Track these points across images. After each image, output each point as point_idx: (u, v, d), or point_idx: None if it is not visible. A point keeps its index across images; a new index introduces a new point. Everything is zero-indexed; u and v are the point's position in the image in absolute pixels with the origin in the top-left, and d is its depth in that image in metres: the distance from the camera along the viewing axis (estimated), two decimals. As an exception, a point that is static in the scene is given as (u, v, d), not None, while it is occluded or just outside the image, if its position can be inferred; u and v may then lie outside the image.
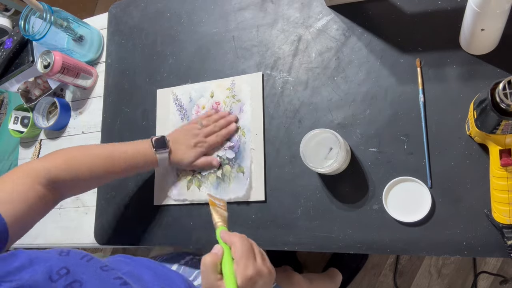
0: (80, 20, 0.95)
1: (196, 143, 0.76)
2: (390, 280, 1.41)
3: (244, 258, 0.48)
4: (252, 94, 0.78)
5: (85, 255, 0.49)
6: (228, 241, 0.51)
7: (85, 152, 0.68)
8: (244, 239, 0.51)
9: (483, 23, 0.56)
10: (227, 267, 0.48)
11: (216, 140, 0.77)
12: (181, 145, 0.76)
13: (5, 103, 1.40)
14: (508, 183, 0.55)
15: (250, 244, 0.51)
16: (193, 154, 0.76)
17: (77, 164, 0.65)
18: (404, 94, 0.68)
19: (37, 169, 0.60)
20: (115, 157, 0.69)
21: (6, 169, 1.51)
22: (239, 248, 0.49)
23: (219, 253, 0.50)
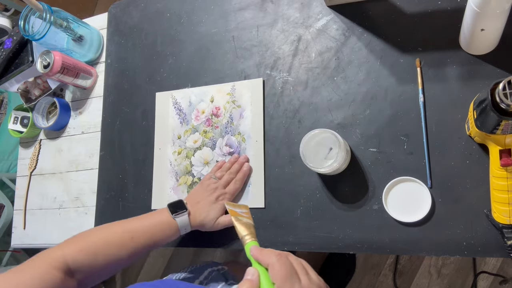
0: (80, 20, 0.95)
1: (217, 197, 0.72)
2: (390, 280, 1.41)
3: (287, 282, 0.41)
4: (253, 100, 0.78)
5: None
6: (263, 261, 0.43)
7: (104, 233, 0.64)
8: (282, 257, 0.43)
9: (483, 23, 0.56)
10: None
11: (236, 187, 0.74)
12: (202, 204, 0.71)
13: (5, 103, 1.41)
14: (508, 183, 0.55)
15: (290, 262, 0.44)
16: (216, 209, 0.71)
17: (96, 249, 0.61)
18: (404, 94, 0.68)
19: (56, 255, 0.57)
20: (135, 236, 0.64)
21: (6, 169, 1.51)
22: (278, 271, 0.42)
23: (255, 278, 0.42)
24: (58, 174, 0.97)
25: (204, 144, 0.81)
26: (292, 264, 0.43)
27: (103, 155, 0.90)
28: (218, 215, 0.71)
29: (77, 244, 0.60)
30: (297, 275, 0.42)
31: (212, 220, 0.70)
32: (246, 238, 0.48)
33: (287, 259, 0.44)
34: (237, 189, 0.74)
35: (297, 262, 0.45)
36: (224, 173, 0.75)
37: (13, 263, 1.64)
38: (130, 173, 0.86)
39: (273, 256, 0.43)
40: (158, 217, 0.67)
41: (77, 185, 0.94)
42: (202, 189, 0.74)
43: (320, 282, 0.44)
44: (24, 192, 1.00)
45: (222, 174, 0.75)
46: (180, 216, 0.68)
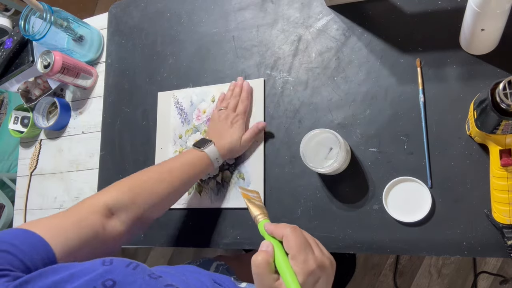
0: (80, 20, 0.95)
1: (232, 121, 0.74)
2: (390, 280, 1.41)
3: (301, 251, 0.42)
4: (253, 100, 0.78)
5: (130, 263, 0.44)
6: (277, 234, 0.45)
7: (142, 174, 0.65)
8: (296, 229, 0.45)
9: (483, 23, 0.56)
10: (283, 264, 0.42)
11: (244, 105, 0.76)
12: (221, 132, 0.74)
13: (5, 103, 1.41)
14: (508, 183, 0.55)
15: (303, 234, 0.45)
16: (236, 131, 0.73)
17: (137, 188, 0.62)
18: (404, 94, 0.68)
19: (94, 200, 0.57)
20: (171, 171, 0.66)
21: (6, 169, 1.51)
22: (293, 241, 0.43)
23: (270, 249, 0.43)
24: (59, 174, 0.97)
25: (204, 144, 0.81)
26: (305, 236, 0.45)
27: (104, 155, 0.90)
28: (240, 134, 0.74)
29: (117, 186, 0.62)
30: (310, 246, 0.44)
31: (238, 139, 0.73)
32: (259, 217, 0.50)
33: (301, 231, 0.45)
34: (246, 106, 0.77)
35: (311, 237, 0.46)
36: (228, 100, 0.77)
37: (13, 263, 1.64)
38: (130, 173, 0.85)
39: (288, 228, 0.44)
40: (189, 155, 0.70)
41: (78, 185, 0.94)
42: (215, 122, 0.76)
43: (331, 256, 0.45)
44: (24, 192, 1.00)
45: (227, 102, 0.77)
46: (207, 147, 0.70)
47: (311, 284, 0.41)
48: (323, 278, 0.43)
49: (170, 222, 0.81)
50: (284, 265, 0.41)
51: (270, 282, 0.41)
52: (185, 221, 0.79)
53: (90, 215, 0.54)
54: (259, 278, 0.42)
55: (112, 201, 0.58)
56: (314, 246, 0.44)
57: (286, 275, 0.40)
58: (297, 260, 0.42)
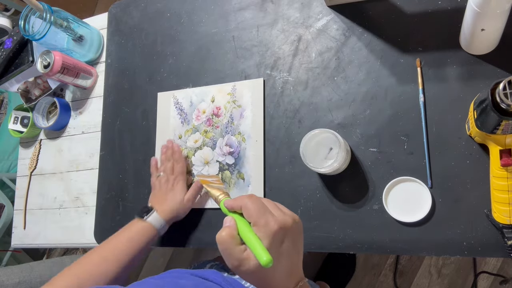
0: (80, 20, 0.95)
1: (172, 184, 0.76)
2: (390, 280, 1.41)
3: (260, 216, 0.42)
4: (253, 100, 0.78)
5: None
6: (236, 206, 0.45)
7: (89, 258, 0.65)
8: (253, 197, 0.44)
9: (483, 23, 0.56)
10: (247, 234, 0.42)
11: (180, 165, 0.78)
12: (162, 197, 0.75)
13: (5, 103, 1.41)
14: (508, 183, 0.55)
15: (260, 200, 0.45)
16: (177, 193, 0.75)
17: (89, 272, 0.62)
18: (404, 94, 0.68)
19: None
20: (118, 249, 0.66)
21: (6, 169, 1.51)
22: (251, 208, 0.43)
23: (232, 223, 0.44)
24: (58, 174, 0.97)
25: (205, 144, 0.81)
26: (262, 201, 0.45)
27: (103, 155, 0.90)
28: (182, 195, 0.75)
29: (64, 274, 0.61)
30: (269, 209, 0.43)
31: (180, 201, 0.74)
32: (219, 197, 0.50)
33: (257, 197, 0.45)
34: (182, 166, 0.78)
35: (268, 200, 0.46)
36: (163, 164, 0.79)
37: (13, 263, 1.65)
38: (130, 173, 0.86)
39: (245, 198, 0.44)
40: (133, 228, 0.70)
41: (77, 185, 0.94)
42: (157, 189, 0.77)
43: (293, 215, 0.45)
44: (24, 192, 1.00)
45: (163, 167, 0.79)
46: (150, 216, 0.71)
47: (277, 245, 0.41)
48: (289, 236, 0.43)
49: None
50: (247, 233, 0.42)
51: (238, 255, 0.41)
52: (185, 221, 0.79)
53: None
54: (227, 253, 0.42)
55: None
56: (273, 208, 0.44)
57: (252, 242, 0.41)
58: (259, 225, 0.42)
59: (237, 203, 0.45)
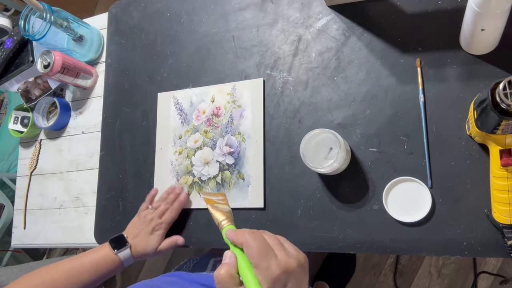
0: (80, 20, 0.95)
1: (154, 228, 0.75)
2: (390, 280, 1.41)
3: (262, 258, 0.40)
4: (253, 100, 0.78)
5: None
6: (238, 242, 0.43)
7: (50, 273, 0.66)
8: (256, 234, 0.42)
9: (483, 23, 0.56)
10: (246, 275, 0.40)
11: (171, 216, 0.76)
12: (140, 236, 0.74)
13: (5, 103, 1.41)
14: (508, 183, 0.55)
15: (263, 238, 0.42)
16: (154, 240, 0.74)
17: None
18: (404, 94, 0.68)
19: None
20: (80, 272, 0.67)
21: (6, 169, 1.51)
22: (253, 247, 0.40)
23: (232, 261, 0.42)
24: (59, 174, 0.97)
25: (205, 144, 0.81)
26: (266, 240, 0.42)
27: (103, 155, 0.90)
28: (157, 244, 0.74)
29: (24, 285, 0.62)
30: (272, 250, 0.41)
31: (153, 249, 0.74)
32: (223, 223, 0.47)
33: (260, 235, 0.42)
34: (173, 217, 0.77)
35: (272, 237, 0.43)
36: (160, 203, 0.78)
37: (13, 263, 1.65)
38: (130, 173, 0.86)
39: (247, 235, 0.42)
40: (101, 253, 0.70)
41: (77, 185, 0.94)
42: (140, 221, 0.76)
43: (299, 255, 0.42)
44: (24, 192, 1.00)
45: (158, 204, 0.78)
46: (122, 251, 0.71)
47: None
48: (292, 281, 0.40)
49: (170, 222, 0.81)
50: (247, 275, 0.39)
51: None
52: (185, 222, 0.79)
53: None
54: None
55: None
56: (277, 248, 0.42)
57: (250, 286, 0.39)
58: (260, 268, 0.39)
59: (238, 238, 0.43)
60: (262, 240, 0.42)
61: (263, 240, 0.42)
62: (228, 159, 0.78)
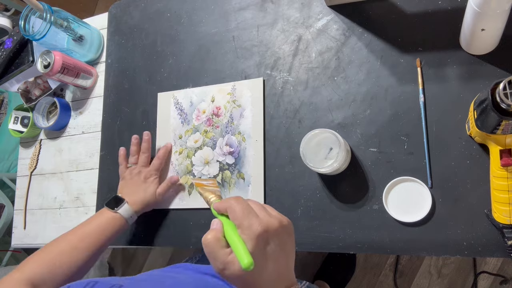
0: (80, 20, 0.95)
1: (145, 177, 0.76)
2: (390, 280, 1.41)
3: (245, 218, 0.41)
4: (253, 100, 0.78)
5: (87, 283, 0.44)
6: (222, 207, 0.44)
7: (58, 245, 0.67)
8: (239, 199, 0.44)
9: (483, 23, 0.56)
10: (231, 236, 0.41)
11: (159, 162, 0.79)
12: (134, 188, 0.75)
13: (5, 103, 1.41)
14: (508, 183, 0.55)
15: (246, 201, 0.44)
16: (150, 186, 0.75)
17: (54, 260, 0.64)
18: (404, 94, 0.68)
19: (15, 276, 0.59)
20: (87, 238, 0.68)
21: (6, 169, 1.51)
22: (236, 210, 0.42)
23: (218, 226, 0.43)
24: (59, 174, 0.97)
25: (205, 144, 0.81)
26: (248, 203, 0.44)
27: (104, 155, 0.90)
28: (155, 188, 0.76)
29: (34, 260, 0.63)
30: (254, 211, 0.43)
31: (152, 195, 0.76)
32: (211, 199, 0.49)
33: (243, 199, 0.44)
34: (160, 164, 0.80)
35: (255, 202, 0.45)
36: (136, 156, 0.80)
37: (13, 263, 1.65)
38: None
39: (231, 200, 0.44)
40: (102, 218, 0.71)
41: (77, 185, 0.94)
42: (127, 180, 0.78)
43: (282, 217, 0.44)
44: (24, 192, 1.00)
45: (135, 158, 0.80)
46: (120, 207, 0.72)
47: (261, 247, 0.40)
48: (275, 239, 0.42)
49: (170, 222, 0.81)
50: (233, 236, 0.41)
51: (223, 258, 0.40)
52: (185, 221, 0.79)
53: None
54: (212, 256, 0.41)
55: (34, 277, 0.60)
56: (259, 210, 0.43)
57: (235, 245, 0.40)
58: (243, 227, 0.41)
59: (223, 205, 0.44)
60: (245, 203, 0.43)
61: (245, 203, 0.43)
62: (228, 159, 0.78)
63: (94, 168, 0.92)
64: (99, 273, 1.72)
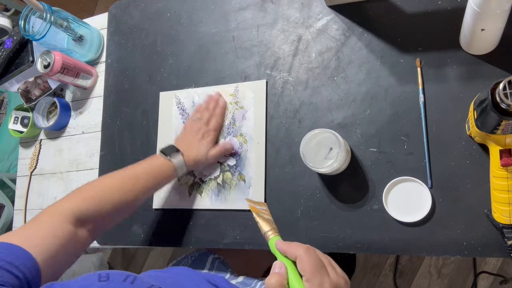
0: (80, 20, 0.95)
1: (203, 134, 0.76)
2: (390, 280, 1.41)
3: (316, 274, 0.41)
4: (255, 102, 0.78)
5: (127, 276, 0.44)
6: (291, 254, 0.43)
7: (105, 181, 0.66)
8: (310, 250, 0.43)
9: (483, 23, 0.56)
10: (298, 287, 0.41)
11: (217, 121, 0.78)
12: (190, 143, 0.74)
13: (5, 103, 1.41)
14: (508, 183, 0.55)
15: (317, 255, 0.44)
16: (205, 145, 0.75)
17: (100, 196, 0.62)
18: (404, 94, 0.68)
19: (62, 209, 0.57)
20: (135, 179, 0.67)
21: (6, 169, 1.51)
22: (307, 262, 0.42)
23: (283, 271, 0.42)
24: (59, 174, 0.97)
25: (205, 144, 0.81)
26: (319, 257, 0.44)
27: (104, 155, 0.90)
28: (207, 149, 0.75)
29: (81, 195, 0.62)
30: (325, 268, 0.43)
31: (205, 154, 0.74)
32: (269, 233, 0.48)
33: (314, 252, 0.44)
34: (218, 123, 0.78)
35: (324, 256, 0.45)
36: (202, 113, 0.78)
37: (13, 263, 1.64)
38: (130, 173, 0.86)
39: (301, 249, 0.43)
40: (155, 161, 0.70)
41: (77, 185, 0.93)
42: (187, 132, 0.77)
43: (345, 277, 0.44)
44: (24, 192, 1.00)
45: (201, 114, 0.78)
46: (175, 157, 0.71)
47: None
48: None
49: (170, 222, 0.81)
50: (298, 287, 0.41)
51: None
52: (185, 221, 0.79)
53: (63, 224, 0.55)
54: None
55: (79, 211, 0.58)
56: (328, 267, 0.43)
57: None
58: (312, 283, 0.41)
59: (292, 251, 0.43)
60: (316, 256, 0.43)
61: (316, 256, 0.43)
62: (230, 161, 0.78)
63: (94, 168, 0.92)
64: (99, 273, 1.72)
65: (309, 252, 0.43)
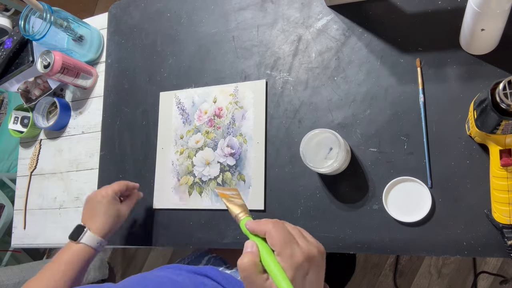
0: (80, 20, 0.95)
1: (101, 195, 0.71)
2: (390, 280, 1.42)
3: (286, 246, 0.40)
4: (255, 102, 0.78)
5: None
6: (259, 230, 0.43)
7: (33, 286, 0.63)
8: (278, 223, 0.43)
9: (483, 23, 0.56)
10: (270, 262, 0.40)
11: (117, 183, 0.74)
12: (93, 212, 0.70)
13: (5, 103, 1.41)
14: (508, 183, 0.55)
15: (286, 227, 0.43)
16: (109, 202, 0.70)
17: None
18: (404, 94, 0.68)
19: None
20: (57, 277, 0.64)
21: (6, 169, 1.51)
22: (276, 236, 0.41)
23: (254, 249, 0.41)
24: (58, 174, 0.97)
25: (206, 145, 0.81)
26: (288, 229, 0.43)
27: (103, 155, 0.90)
28: (115, 205, 0.71)
29: None
30: (294, 238, 0.42)
31: (113, 212, 0.70)
32: (240, 215, 0.48)
33: (283, 225, 0.43)
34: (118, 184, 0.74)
35: (293, 227, 0.44)
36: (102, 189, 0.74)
37: (13, 263, 1.65)
38: (130, 173, 0.86)
39: (269, 224, 0.42)
40: (69, 252, 0.67)
41: (77, 185, 0.94)
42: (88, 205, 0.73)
43: (319, 245, 0.44)
44: (24, 192, 1.00)
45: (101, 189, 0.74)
46: (82, 237, 0.67)
47: (301, 277, 0.40)
48: (313, 268, 0.41)
49: (170, 223, 0.81)
50: (271, 263, 0.40)
51: (261, 283, 0.39)
52: (185, 222, 0.79)
53: None
54: (248, 281, 0.40)
55: None
56: (298, 237, 0.43)
57: (275, 273, 0.39)
58: (283, 256, 0.40)
59: (260, 227, 0.43)
60: (284, 228, 0.42)
61: (285, 229, 0.42)
62: (229, 160, 0.78)
63: (94, 168, 0.92)
64: (99, 273, 1.73)
65: (277, 226, 0.42)
